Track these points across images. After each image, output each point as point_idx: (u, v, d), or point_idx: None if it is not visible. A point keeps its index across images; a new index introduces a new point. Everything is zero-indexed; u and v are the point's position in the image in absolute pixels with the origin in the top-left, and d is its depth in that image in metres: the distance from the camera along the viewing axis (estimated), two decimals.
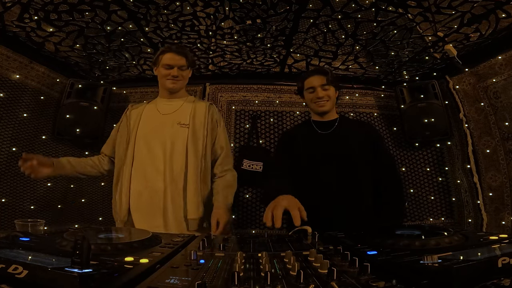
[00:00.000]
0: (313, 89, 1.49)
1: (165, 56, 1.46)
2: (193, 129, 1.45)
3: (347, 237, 0.80)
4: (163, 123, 1.46)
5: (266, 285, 0.45)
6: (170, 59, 1.45)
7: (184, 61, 1.46)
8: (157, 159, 1.41)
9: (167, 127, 1.45)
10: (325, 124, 1.53)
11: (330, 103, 1.50)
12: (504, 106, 2.10)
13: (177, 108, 1.50)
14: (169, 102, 1.53)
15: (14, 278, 0.42)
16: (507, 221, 2.07)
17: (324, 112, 1.51)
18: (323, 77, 1.48)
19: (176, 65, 1.45)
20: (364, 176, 1.43)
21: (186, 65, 1.47)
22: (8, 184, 2.17)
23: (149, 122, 1.48)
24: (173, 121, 1.46)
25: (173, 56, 1.45)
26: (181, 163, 1.41)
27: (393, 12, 1.82)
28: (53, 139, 2.51)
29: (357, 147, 1.45)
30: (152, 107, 1.53)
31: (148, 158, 1.41)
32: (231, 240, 0.86)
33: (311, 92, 1.50)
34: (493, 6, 1.66)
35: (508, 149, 2.10)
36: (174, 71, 1.45)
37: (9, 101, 2.17)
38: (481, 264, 0.47)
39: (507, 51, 2.04)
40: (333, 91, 1.50)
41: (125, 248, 0.64)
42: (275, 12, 1.83)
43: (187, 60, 1.47)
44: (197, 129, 1.46)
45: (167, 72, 1.46)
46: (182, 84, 1.52)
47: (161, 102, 1.54)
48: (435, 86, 2.44)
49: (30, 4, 1.72)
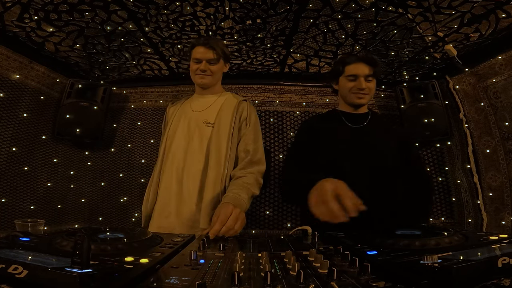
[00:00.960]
0: (355, 78, 1.33)
1: (194, 50, 1.39)
2: (218, 129, 1.34)
3: (347, 237, 0.80)
4: (191, 121, 1.40)
5: (266, 285, 0.45)
6: (199, 53, 1.37)
7: (212, 54, 1.36)
8: (176, 159, 1.35)
9: (193, 126, 1.38)
10: (356, 117, 1.39)
11: (369, 97, 1.36)
12: (504, 106, 2.09)
13: (209, 105, 1.43)
14: (202, 98, 1.46)
15: (14, 278, 0.42)
16: (507, 221, 2.07)
17: (360, 105, 1.39)
18: (370, 68, 1.33)
19: (204, 59, 1.37)
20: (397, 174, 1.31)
21: (215, 58, 1.37)
22: (8, 184, 2.17)
23: (181, 120, 1.42)
24: (201, 119, 1.39)
25: (201, 49, 1.37)
26: (199, 167, 1.31)
27: (393, 12, 1.82)
28: (53, 139, 2.51)
29: (390, 144, 1.34)
30: (187, 104, 1.48)
31: (172, 158, 1.36)
32: (231, 240, 0.86)
33: (351, 80, 1.34)
34: (493, 6, 1.66)
35: (508, 149, 2.10)
36: (202, 65, 1.37)
37: (9, 101, 2.17)
38: (481, 264, 0.47)
39: (507, 51, 2.04)
40: (375, 84, 1.36)
41: (125, 248, 0.64)
42: (275, 12, 1.83)
43: (216, 52, 1.36)
44: (222, 129, 1.34)
45: (196, 67, 1.39)
46: (213, 79, 1.42)
47: (195, 99, 1.48)
48: (435, 86, 2.44)
49: (30, 4, 1.72)
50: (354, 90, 1.34)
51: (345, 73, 1.36)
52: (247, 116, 1.40)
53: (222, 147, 1.32)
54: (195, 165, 1.32)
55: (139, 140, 2.78)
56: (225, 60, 1.45)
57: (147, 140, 2.77)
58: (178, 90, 2.81)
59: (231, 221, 0.97)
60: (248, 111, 1.42)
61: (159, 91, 2.84)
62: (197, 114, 1.42)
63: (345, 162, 1.28)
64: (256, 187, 1.28)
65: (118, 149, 2.78)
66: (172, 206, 1.31)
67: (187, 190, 1.31)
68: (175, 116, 1.46)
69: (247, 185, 1.23)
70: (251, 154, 1.33)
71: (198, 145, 1.35)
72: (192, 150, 1.35)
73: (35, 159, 2.38)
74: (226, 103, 1.42)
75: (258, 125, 1.44)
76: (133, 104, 2.85)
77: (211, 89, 1.47)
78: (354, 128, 1.37)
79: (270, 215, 2.58)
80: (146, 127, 2.79)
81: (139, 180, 2.70)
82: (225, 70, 1.49)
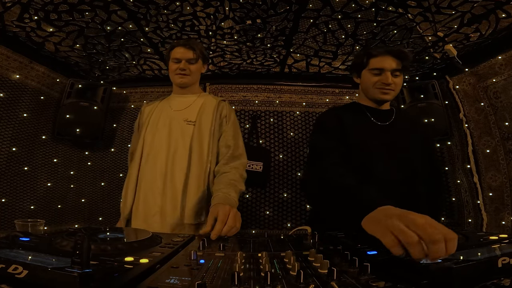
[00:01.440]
0: (380, 72, 1.22)
1: (174, 50, 1.43)
2: (199, 127, 1.38)
3: (347, 237, 0.80)
4: (172, 120, 1.42)
5: (266, 285, 0.45)
6: (178, 53, 1.42)
7: (191, 54, 1.41)
8: (159, 157, 1.36)
9: (174, 124, 1.41)
10: (381, 114, 1.30)
11: (395, 93, 1.25)
12: (504, 106, 2.10)
13: (189, 104, 1.46)
14: (181, 98, 1.48)
15: (14, 278, 0.42)
16: (507, 221, 2.07)
17: (384, 101, 1.28)
18: (398, 62, 1.21)
19: (184, 58, 1.41)
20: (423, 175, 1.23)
21: (194, 58, 1.42)
22: (8, 184, 2.17)
23: (159, 118, 1.44)
24: (181, 118, 1.42)
25: (181, 49, 1.42)
26: (183, 163, 1.34)
27: (393, 12, 1.82)
28: (53, 139, 2.51)
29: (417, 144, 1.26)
30: (166, 104, 1.49)
31: (152, 156, 1.38)
32: (231, 240, 0.86)
33: (376, 74, 1.23)
34: (493, 6, 1.66)
35: (508, 149, 2.10)
36: (181, 65, 1.41)
37: (9, 101, 2.17)
38: (481, 264, 0.47)
39: (507, 51, 2.04)
40: (402, 80, 1.25)
41: (125, 248, 0.64)
42: (275, 12, 1.83)
43: (195, 52, 1.41)
44: (203, 126, 1.38)
45: (176, 66, 1.43)
46: (192, 78, 1.46)
47: (174, 98, 1.50)
48: (435, 86, 2.44)
49: (30, 4, 1.72)
50: (378, 85, 1.23)
51: (370, 66, 1.25)
52: (227, 114, 1.44)
53: (204, 143, 1.36)
54: (179, 162, 1.34)
55: None
56: (203, 61, 1.49)
57: None
58: None
59: (231, 220, 0.97)
60: (228, 110, 1.46)
61: (159, 91, 2.84)
62: (177, 113, 1.44)
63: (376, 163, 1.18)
64: (241, 182, 1.31)
65: (118, 149, 2.78)
66: (157, 205, 1.32)
67: (172, 188, 1.32)
68: (152, 116, 1.47)
69: (233, 182, 1.25)
70: (232, 148, 1.37)
71: (180, 143, 1.37)
72: (175, 148, 1.36)
73: (35, 159, 2.38)
74: (207, 102, 1.46)
75: (237, 124, 1.48)
76: (133, 104, 2.85)
77: (190, 89, 1.50)
78: (381, 126, 1.26)
79: (270, 215, 2.58)
80: None
81: None
82: (203, 71, 1.52)
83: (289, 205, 2.60)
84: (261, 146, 2.64)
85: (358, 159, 1.18)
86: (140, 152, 1.40)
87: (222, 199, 1.14)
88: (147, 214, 1.33)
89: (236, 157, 1.37)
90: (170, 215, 1.31)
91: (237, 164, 1.34)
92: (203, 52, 1.47)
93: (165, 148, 1.37)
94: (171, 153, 1.36)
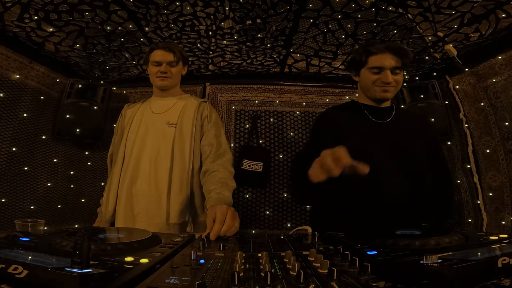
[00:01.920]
0: (379, 70, 1.19)
1: (153, 53, 1.44)
2: (181, 129, 1.39)
3: (347, 237, 0.80)
4: (153, 123, 1.43)
5: (266, 285, 0.45)
6: (158, 56, 1.42)
7: (172, 57, 1.42)
8: (143, 160, 1.37)
9: (156, 127, 1.41)
10: (380, 111, 1.26)
11: (395, 90, 1.22)
12: (504, 106, 2.10)
13: (170, 107, 1.46)
14: (162, 101, 1.49)
15: (14, 278, 0.42)
16: (507, 221, 2.07)
17: (385, 99, 1.25)
18: (398, 59, 1.17)
19: (164, 61, 1.42)
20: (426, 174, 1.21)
21: (175, 61, 1.43)
22: (8, 184, 2.17)
23: (141, 121, 1.45)
24: (162, 120, 1.42)
25: (160, 52, 1.42)
26: (166, 165, 1.35)
27: (393, 12, 1.82)
28: (53, 139, 2.51)
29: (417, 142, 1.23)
30: (146, 106, 1.50)
31: (135, 159, 1.38)
32: (231, 240, 0.86)
33: (375, 73, 1.20)
34: (493, 6, 1.66)
35: (508, 149, 2.10)
36: (162, 68, 1.42)
37: (9, 101, 2.17)
38: (481, 264, 0.47)
39: (507, 51, 2.04)
40: (402, 76, 1.21)
41: (125, 248, 0.64)
42: (275, 12, 1.83)
43: (175, 55, 1.42)
44: (184, 128, 1.39)
45: (156, 69, 1.43)
46: (173, 81, 1.47)
47: (154, 101, 1.51)
48: (435, 86, 2.44)
49: (30, 4, 1.72)
50: (378, 84, 1.20)
51: (369, 64, 1.21)
52: (208, 114, 1.45)
53: (185, 144, 1.37)
54: (162, 165, 1.35)
55: None
56: (183, 63, 1.50)
57: None
58: None
59: (229, 219, 0.98)
60: (209, 110, 1.47)
61: None
62: (158, 116, 1.44)
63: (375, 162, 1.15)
64: (231, 179, 1.31)
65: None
66: (141, 207, 1.32)
67: (156, 189, 1.33)
68: (133, 119, 1.47)
69: (224, 180, 1.25)
70: (215, 146, 1.37)
71: (162, 145, 1.38)
72: (157, 150, 1.37)
73: (35, 159, 2.38)
74: (188, 104, 1.46)
75: (220, 123, 1.49)
76: None
77: (171, 91, 1.51)
78: (378, 123, 1.24)
79: (270, 215, 2.58)
80: None
81: None
82: (183, 72, 1.53)
83: (289, 205, 2.60)
84: (261, 146, 2.64)
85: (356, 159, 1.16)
86: (122, 155, 1.41)
87: (217, 200, 1.14)
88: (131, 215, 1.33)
89: (221, 154, 1.37)
90: (155, 216, 1.31)
91: (224, 161, 1.35)
92: (183, 54, 1.48)
93: (148, 151, 1.38)
94: (153, 155, 1.37)
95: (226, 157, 1.37)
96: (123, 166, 1.40)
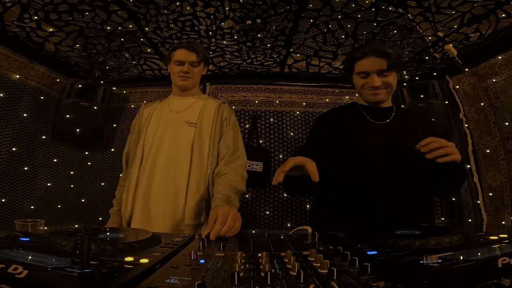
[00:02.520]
0: (366, 74, 1.19)
1: (176, 52, 1.42)
2: (200, 129, 1.38)
3: (347, 237, 0.80)
4: (172, 121, 1.41)
5: (266, 285, 0.45)
6: (180, 55, 1.41)
7: (194, 57, 1.41)
8: (160, 159, 1.35)
9: (175, 126, 1.40)
10: (378, 112, 1.25)
11: (387, 91, 1.20)
12: (504, 106, 2.10)
13: (188, 106, 1.45)
14: (181, 100, 1.48)
15: (14, 278, 0.42)
16: (507, 221, 2.07)
17: (377, 102, 1.24)
18: (382, 61, 1.15)
19: (187, 61, 1.41)
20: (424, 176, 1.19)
21: (197, 61, 1.42)
22: (8, 184, 2.17)
23: (160, 120, 1.43)
24: (182, 119, 1.41)
25: (183, 52, 1.41)
26: (184, 165, 1.34)
27: (393, 12, 1.82)
28: (53, 139, 2.51)
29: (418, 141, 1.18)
30: (165, 105, 1.48)
31: (153, 157, 1.36)
32: (231, 240, 0.86)
33: (363, 77, 1.20)
34: (493, 6, 1.66)
35: (508, 149, 2.10)
36: (184, 67, 1.41)
37: (9, 101, 2.17)
38: (481, 264, 0.47)
39: (507, 51, 2.04)
40: (393, 76, 1.19)
41: (125, 248, 0.64)
42: (275, 12, 1.83)
43: (198, 55, 1.41)
44: (204, 128, 1.38)
45: (178, 69, 1.42)
46: (194, 81, 1.47)
47: (173, 100, 1.50)
48: (435, 86, 2.44)
49: (30, 4, 1.72)
50: (366, 87, 1.20)
51: (355, 70, 1.22)
52: (227, 116, 1.44)
53: (204, 145, 1.36)
54: (180, 164, 1.34)
55: None
56: (205, 63, 1.49)
57: None
58: None
59: (230, 220, 0.97)
60: (228, 112, 1.46)
61: (159, 91, 2.84)
62: (177, 114, 1.43)
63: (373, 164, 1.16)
64: (241, 183, 1.30)
65: (118, 149, 2.78)
66: (159, 207, 1.31)
67: (174, 190, 1.32)
68: (152, 117, 1.46)
69: (233, 183, 1.25)
70: (231, 149, 1.37)
71: (181, 144, 1.36)
72: (176, 150, 1.36)
73: (35, 159, 2.38)
74: (208, 104, 1.46)
75: (238, 126, 1.49)
76: (133, 104, 2.85)
77: (191, 91, 1.50)
78: (377, 124, 1.23)
79: (270, 215, 2.58)
80: None
81: None
82: (204, 73, 1.52)
83: (289, 205, 2.60)
84: (261, 146, 2.64)
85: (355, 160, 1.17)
86: (141, 154, 1.39)
87: (222, 201, 1.15)
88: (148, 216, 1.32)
89: (236, 158, 1.36)
90: (171, 217, 1.30)
91: (237, 165, 1.34)
92: (205, 54, 1.47)
93: (166, 150, 1.36)
94: (172, 154, 1.35)
95: (240, 161, 1.37)
96: (141, 165, 1.38)
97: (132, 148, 1.48)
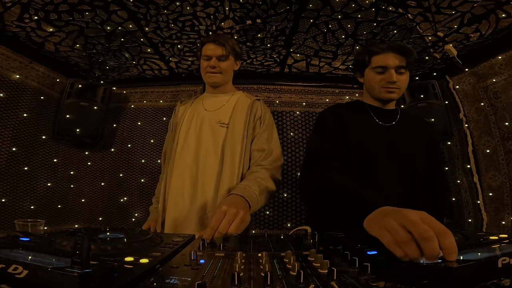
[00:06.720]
0: (384, 70, 1.15)
1: (204, 47, 1.35)
2: (233, 130, 1.30)
3: (347, 237, 0.80)
4: (205, 120, 1.35)
5: (266, 285, 0.45)
6: (208, 50, 1.33)
7: (221, 50, 1.31)
8: (190, 160, 1.30)
9: (207, 125, 1.34)
10: (384, 113, 1.23)
11: (401, 91, 1.19)
12: (504, 106, 2.10)
13: (222, 105, 1.38)
14: (214, 98, 1.41)
15: (14, 278, 0.42)
16: (507, 221, 2.07)
17: (390, 100, 1.22)
18: (402, 58, 1.14)
19: (214, 55, 1.33)
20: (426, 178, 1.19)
21: (225, 55, 1.32)
22: (8, 184, 2.17)
23: (193, 118, 1.37)
24: (214, 119, 1.35)
25: (211, 46, 1.33)
26: (215, 167, 1.28)
27: (393, 12, 1.82)
28: (53, 139, 2.51)
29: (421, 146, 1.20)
30: (199, 102, 1.42)
31: (183, 158, 1.31)
32: (231, 240, 0.86)
33: (380, 73, 1.17)
34: (493, 6, 1.66)
35: (508, 149, 2.10)
36: (212, 62, 1.33)
37: (9, 101, 2.17)
38: (481, 264, 0.47)
39: (507, 51, 2.04)
40: (407, 77, 1.18)
41: (125, 248, 0.64)
42: (275, 12, 1.83)
43: (225, 49, 1.32)
44: (236, 129, 1.30)
45: (206, 64, 1.34)
46: (224, 77, 1.38)
47: (207, 98, 1.43)
48: (435, 86, 2.44)
49: (30, 4, 1.72)
50: (383, 84, 1.17)
51: (372, 64, 1.18)
52: (261, 115, 1.37)
53: (236, 148, 1.28)
54: (210, 166, 1.29)
55: (139, 140, 2.78)
56: (235, 57, 1.40)
57: (147, 140, 2.77)
58: (178, 90, 2.80)
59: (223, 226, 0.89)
60: (262, 110, 1.38)
61: (159, 91, 2.84)
62: (210, 113, 1.37)
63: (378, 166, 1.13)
64: (269, 181, 1.22)
65: (118, 149, 2.78)
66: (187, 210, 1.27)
67: (202, 192, 1.27)
68: (186, 115, 1.41)
69: (259, 179, 1.18)
70: (265, 152, 1.29)
71: (212, 146, 1.31)
72: (206, 151, 1.31)
73: (35, 159, 2.38)
74: (240, 102, 1.38)
75: (273, 124, 1.40)
76: (133, 104, 2.85)
77: (223, 88, 1.43)
78: (385, 127, 1.20)
79: (270, 215, 2.58)
80: (146, 127, 2.79)
81: (139, 180, 2.70)
82: (236, 68, 1.43)
83: (289, 205, 2.60)
84: None
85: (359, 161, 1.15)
86: (174, 153, 1.35)
87: (240, 190, 1.07)
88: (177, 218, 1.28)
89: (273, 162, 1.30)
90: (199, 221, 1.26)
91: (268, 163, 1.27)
92: (234, 48, 1.37)
93: (195, 150, 1.31)
94: (201, 156, 1.30)
95: (275, 163, 1.30)
96: (174, 165, 1.33)
97: (168, 147, 1.44)
